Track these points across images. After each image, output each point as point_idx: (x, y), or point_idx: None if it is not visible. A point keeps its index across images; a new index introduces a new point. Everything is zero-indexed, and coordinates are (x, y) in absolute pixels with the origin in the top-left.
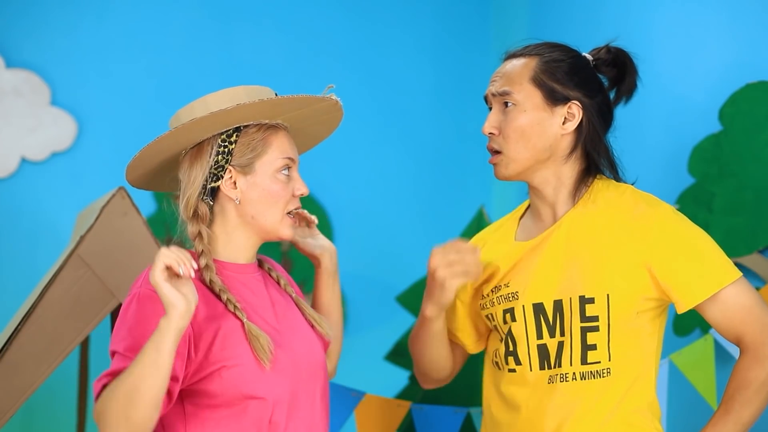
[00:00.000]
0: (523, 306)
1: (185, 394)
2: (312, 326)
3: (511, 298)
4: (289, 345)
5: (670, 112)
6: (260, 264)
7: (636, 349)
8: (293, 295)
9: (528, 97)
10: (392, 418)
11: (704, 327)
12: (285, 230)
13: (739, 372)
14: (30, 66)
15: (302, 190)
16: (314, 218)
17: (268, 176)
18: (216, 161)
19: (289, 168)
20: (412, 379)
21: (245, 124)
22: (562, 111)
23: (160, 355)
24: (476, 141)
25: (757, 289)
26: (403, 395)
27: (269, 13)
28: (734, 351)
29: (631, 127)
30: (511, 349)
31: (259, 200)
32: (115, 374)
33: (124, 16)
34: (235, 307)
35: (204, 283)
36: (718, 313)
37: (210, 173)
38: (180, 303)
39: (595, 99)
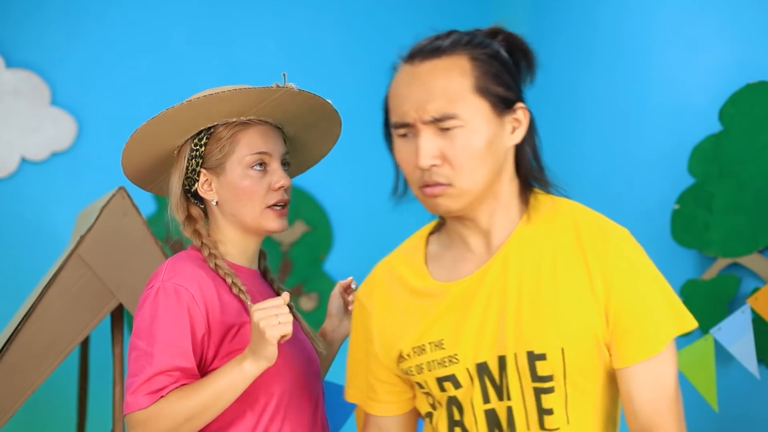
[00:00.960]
0: (467, 369)
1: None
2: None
3: (447, 363)
4: (289, 350)
5: (670, 112)
6: (264, 274)
7: (599, 406)
8: (293, 308)
9: (477, 113)
10: None
11: (704, 327)
12: (268, 223)
13: None
14: (30, 66)
15: (281, 182)
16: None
17: (238, 174)
18: (190, 165)
19: (263, 163)
20: None
21: (212, 125)
22: (509, 119)
23: (234, 393)
24: None
25: (757, 289)
26: None
27: (269, 13)
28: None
29: (630, 127)
30: (456, 418)
31: (233, 199)
32: (159, 378)
33: (124, 16)
34: (239, 290)
35: (219, 275)
36: (650, 378)
37: (186, 177)
38: (274, 359)
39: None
